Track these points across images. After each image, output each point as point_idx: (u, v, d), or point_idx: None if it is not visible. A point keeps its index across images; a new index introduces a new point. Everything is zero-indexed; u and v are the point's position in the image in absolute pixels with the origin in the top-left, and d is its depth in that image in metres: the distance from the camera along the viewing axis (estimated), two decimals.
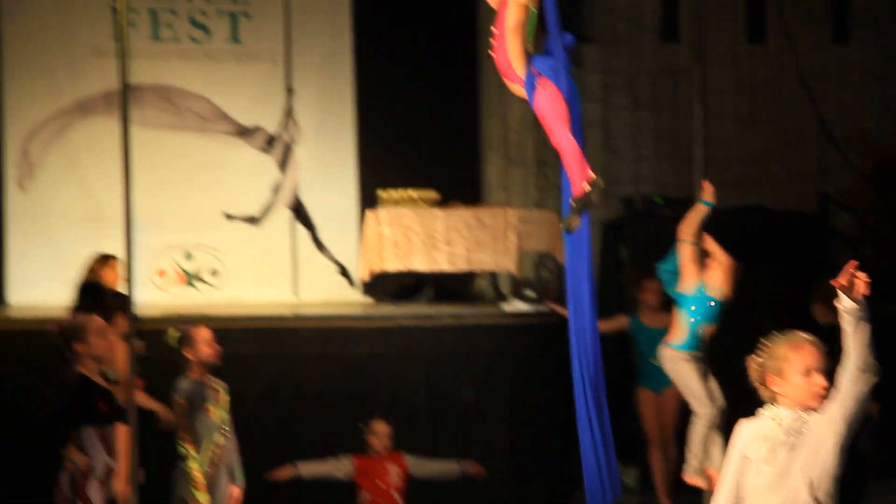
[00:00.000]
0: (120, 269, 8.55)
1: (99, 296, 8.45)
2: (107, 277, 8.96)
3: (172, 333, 7.49)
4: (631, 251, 11.54)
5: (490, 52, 5.61)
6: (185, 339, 7.43)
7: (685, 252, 8.31)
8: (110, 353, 6.75)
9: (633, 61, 12.86)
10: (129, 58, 7.80)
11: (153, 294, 11.35)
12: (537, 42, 5.56)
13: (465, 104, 12.79)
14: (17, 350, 9.43)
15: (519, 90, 5.52)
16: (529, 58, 5.46)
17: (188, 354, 7.41)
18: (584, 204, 5.42)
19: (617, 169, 12.64)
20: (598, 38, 12.64)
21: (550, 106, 5.34)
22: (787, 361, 4.54)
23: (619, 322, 10.03)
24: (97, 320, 6.66)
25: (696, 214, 8.29)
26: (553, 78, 5.37)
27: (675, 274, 8.42)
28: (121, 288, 8.38)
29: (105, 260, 9.18)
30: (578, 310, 5.75)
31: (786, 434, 4.55)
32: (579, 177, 5.39)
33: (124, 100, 7.34)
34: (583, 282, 5.67)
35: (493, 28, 5.61)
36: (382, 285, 11.80)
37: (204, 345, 7.45)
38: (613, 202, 12.16)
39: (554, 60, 5.42)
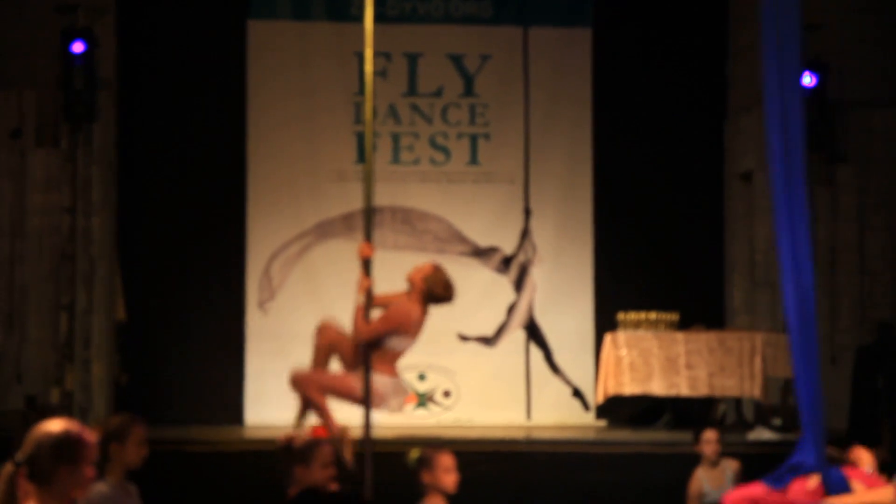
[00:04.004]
0: None
1: None
2: None
3: (413, 454, 6.90)
4: (888, 379, 10.81)
5: None
6: (425, 462, 6.51)
7: None
8: (329, 482, 6.46)
9: (890, 181, 12.21)
10: (373, 181, 7.83)
11: (384, 415, 11.25)
12: None
13: (709, 225, 12.47)
14: (254, 470, 9.44)
15: None
16: None
17: (425, 478, 6.79)
18: None
19: (873, 292, 11.97)
20: (853, 157, 12.08)
21: None
22: None
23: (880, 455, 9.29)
24: (327, 447, 6.36)
25: None
26: None
27: None
28: None
29: None
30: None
31: None
32: None
33: (368, 222, 7.35)
34: None
35: None
36: (617, 409, 11.48)
37: (443, 471, 6.87)
38: (869, 327, 11.54)
39: None
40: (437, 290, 7.49)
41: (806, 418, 5.76)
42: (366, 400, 7.51)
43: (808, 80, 11.59)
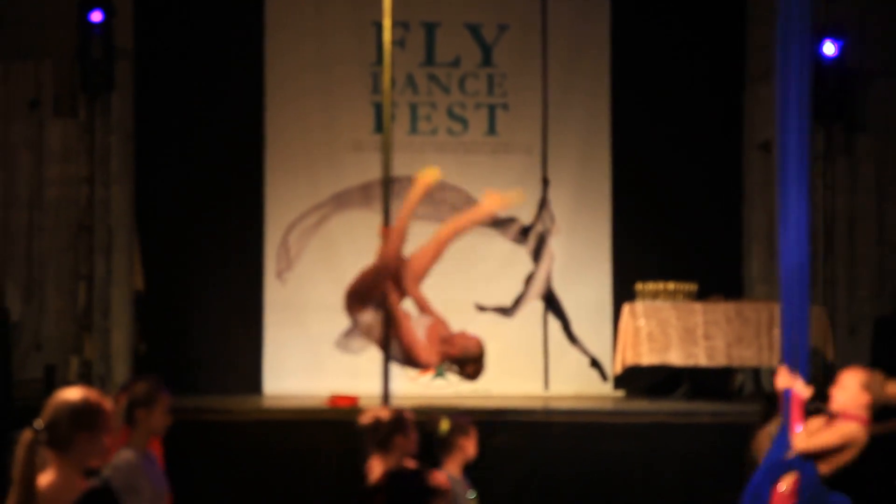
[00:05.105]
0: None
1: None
2: None
3: (444, 425, 6.64)
4: None
5: None
6: (464, 429, 6.59)
7: None
8: (414, 448, 6.31)
9: None
10: (391, 150, 7.87)
11: (402, 385, 11.28)
12: None
13: (727, 195, 12.43)
14: (275, 440, 9.48)
15: None
16: None
17: (462, 443, 6.59)
18: None
19: (893, 262, 11.94)
20: (872, 126, 12.02)
21: None
22: None
23: (893, 426, 9.25)
24: (410, 412, 6.26)
25: None
26: None
27: None
28: None
29: None
30: None
31: None
32: None
33: (386, 193, 7.39)
34: None
35: None
36: (635, 379, 11.48)
37: (474, 441, 6.89)
38: (887, 297, 11.51)
39: None
40: None
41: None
42: (384, 371, 7.53)
43: (830, 48, 11.53)
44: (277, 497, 9.21)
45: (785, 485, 5.70)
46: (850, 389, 5.79)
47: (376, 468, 5.79)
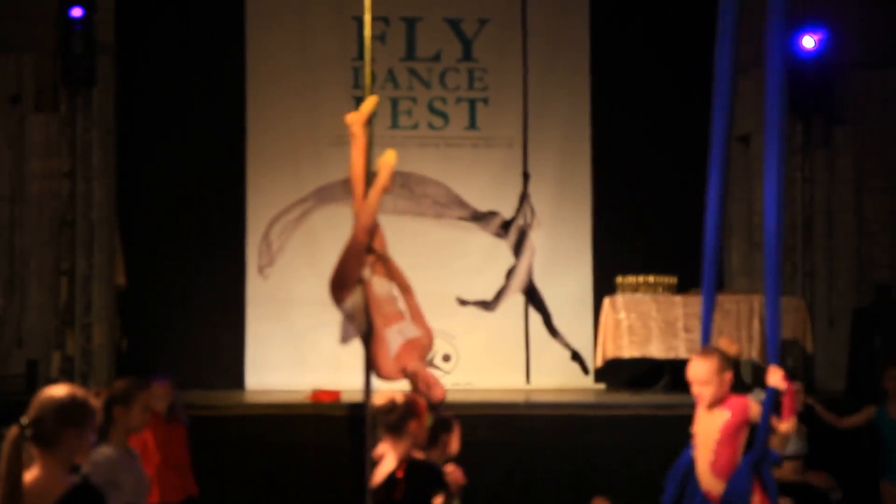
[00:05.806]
0: None
1: None
2: None
3: (428, 419, 6.24)
4: (885, 340, 10.86)
5: None
6: (448, 426, 6.47)
7: None
8: (425, 437, 6.28)
9: (888, 143, 12.21)
10: (371, 146, 7.86)
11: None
12: None
13: (707, 188, 12.43)
14: (258, 435, 9.49)
15: None
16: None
17: (446, 439, 6.41)
18: None
19: (871, 254, 12.00)
20: (851, 118, 12.07)
21: None
22: None
23: (867, 413, 9.35)
24: (422, 401, 6.23)
25: None
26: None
27: None
28: None
29: None
30: None
31: None
32: None
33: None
34: None
35: None
36: (616, 372, 11.53)
37: (457, 436, 6.88)
38: (867, 288, 11.58)
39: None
40: None
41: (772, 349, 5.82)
42: (366, 366, 7.51)
43: (808, 41, 11.57)
44: (260, 491, 9.24)
45: (757, 496, 5.73)
46: (714, 379, 5.79)
47: (388, 455, 5.75)
